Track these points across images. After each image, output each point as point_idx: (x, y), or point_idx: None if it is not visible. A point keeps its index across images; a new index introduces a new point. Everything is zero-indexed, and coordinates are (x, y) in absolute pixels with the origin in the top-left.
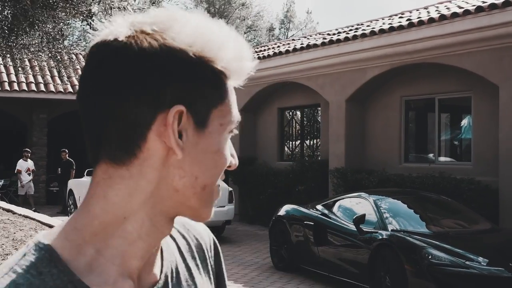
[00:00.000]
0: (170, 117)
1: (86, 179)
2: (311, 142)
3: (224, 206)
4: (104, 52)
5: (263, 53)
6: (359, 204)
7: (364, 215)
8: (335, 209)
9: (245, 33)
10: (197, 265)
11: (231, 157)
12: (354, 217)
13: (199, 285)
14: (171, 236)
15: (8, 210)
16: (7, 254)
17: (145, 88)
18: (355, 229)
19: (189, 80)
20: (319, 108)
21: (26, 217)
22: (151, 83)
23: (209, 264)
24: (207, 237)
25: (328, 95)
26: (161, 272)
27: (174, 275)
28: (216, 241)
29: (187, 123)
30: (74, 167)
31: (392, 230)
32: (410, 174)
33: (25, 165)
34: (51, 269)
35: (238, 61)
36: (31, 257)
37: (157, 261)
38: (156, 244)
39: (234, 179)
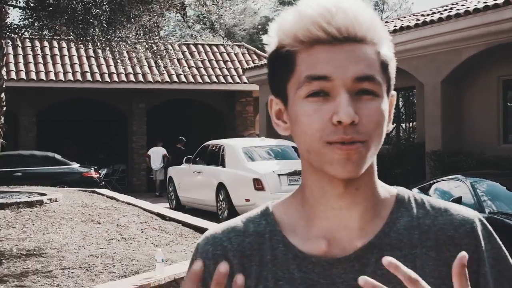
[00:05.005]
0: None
1: (185, 166)
2: (407, 125)
3: None
4: None
5: None
6: (456, 187)
7: (460, 198)
8: (431, 192)
9: None
10: (425, 246)
11: (334, 115)
12: (450, 200)
13: (424, 269)
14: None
15: (111, 198)
16: (112, 239)
17: None
18: None
19: (269, 72)
20: (414, 91)
21: (129, 203)
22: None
23: (448, 253)
24: (461, 224)
25: (423, 77)
26: (366, 243)
27: (378, 249)
28: (479, 235)
29: (280, 106)
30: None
31: (489, 213)
32: (510, 155)
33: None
34: (261, 220)
35: (297, 25)
36: (253, 212)
37: (366, 232)
38: (336, 205)
39: None
